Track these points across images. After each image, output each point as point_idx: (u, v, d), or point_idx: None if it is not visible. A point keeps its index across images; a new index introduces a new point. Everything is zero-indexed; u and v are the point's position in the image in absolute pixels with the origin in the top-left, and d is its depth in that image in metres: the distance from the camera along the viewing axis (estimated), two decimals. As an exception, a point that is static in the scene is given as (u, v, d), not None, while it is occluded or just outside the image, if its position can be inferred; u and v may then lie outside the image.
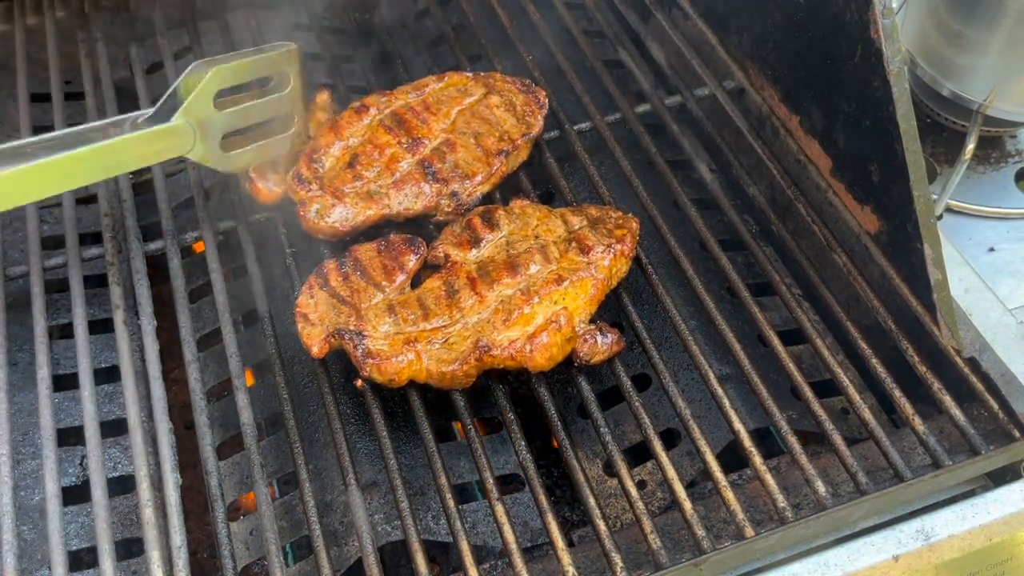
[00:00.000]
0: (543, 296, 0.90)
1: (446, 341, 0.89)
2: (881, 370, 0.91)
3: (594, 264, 0.93)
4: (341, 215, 1.00)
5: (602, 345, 0.90)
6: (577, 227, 0.98)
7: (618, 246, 0.95)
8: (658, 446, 0.86)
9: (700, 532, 0.80)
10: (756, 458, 0.84)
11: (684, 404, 0.88)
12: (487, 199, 1.05)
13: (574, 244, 0.95)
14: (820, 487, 0.82)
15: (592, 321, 0.92)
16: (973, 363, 0.90)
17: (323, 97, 1.10)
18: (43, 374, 0.95)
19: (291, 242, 1.04)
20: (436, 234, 1.01)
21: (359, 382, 0.91)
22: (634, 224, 0.98)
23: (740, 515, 0.80)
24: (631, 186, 1.07)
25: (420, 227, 1.04)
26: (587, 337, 0.90)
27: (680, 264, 1.00)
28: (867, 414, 0.87)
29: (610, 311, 0.99)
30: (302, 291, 0.95)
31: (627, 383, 0.90)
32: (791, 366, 0.91)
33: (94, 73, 1.24)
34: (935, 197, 1.18)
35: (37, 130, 1.24)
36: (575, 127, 1.14)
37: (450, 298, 0.92)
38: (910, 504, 0.86)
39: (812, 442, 0.96)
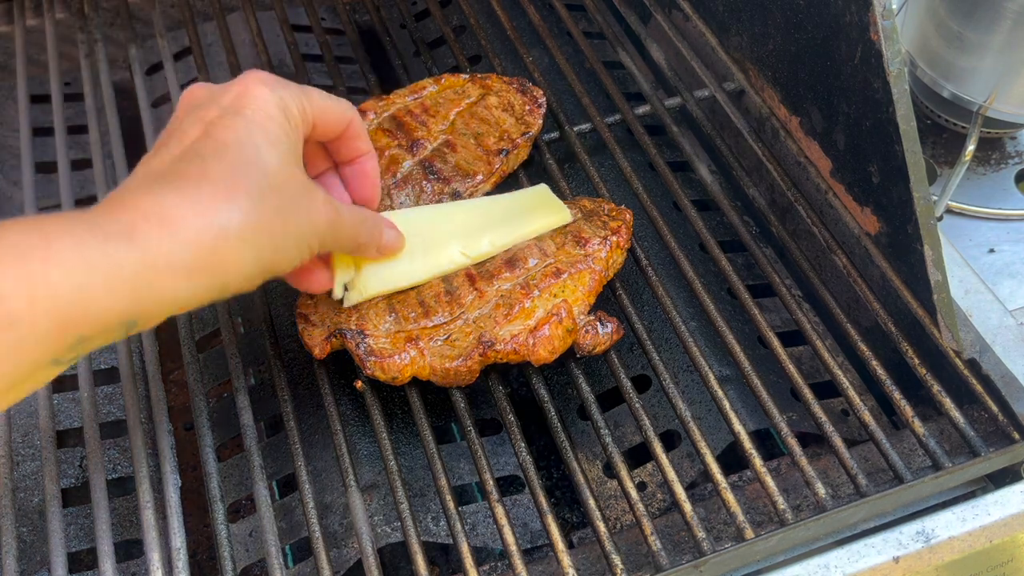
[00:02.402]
0: (543, 290, 0.91)
1: (448, 338, 0.89)
2: (881, 372, 0.91)
3: (591, 256, 0.93)
4: (341, 216, 1.00)
5: (603, 335, 0.90)
6: (571, 220, 0.98)
7: (614, 238, 0.95)
8: (658, 448, 0.86)
9: (700, 534, 0.80)
10: (756, 460, 0.84)
11: (684, 406, 0.88)
12: (487, 200, 1.05)
13: (570, 237, 0.96)
14: (820, 489, 0.82)
15: (590, 311, 0.92)
16: (973, 365, 0.90)
17: None
18: (43, 375, 0.95)
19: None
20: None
21: (359, 383, 0.91)
22: (628, 215, 0.98)
23: (740, 517, 0.80)
24: (631, 187, 1.07)
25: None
26: (588, 328, 0.90)
27: (680, 265, 1.00)
28: (867, 416, 0.87)
29: (610, 312, 0.99)
30: (302, 292, 0.95)
31: (627, 384, 0.90)
32: (791, 368, 0.91)
33: (94, 74, 1.24)
34: (935, 198, 1.18)
35: (37, 131, 1.24)
36: (575, 128, 1.14)
37: (449, 295, 0.92)
38: (910, 506, 0.86)
39: (812, 444, 0.96)
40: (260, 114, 0.69)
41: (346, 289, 0.91)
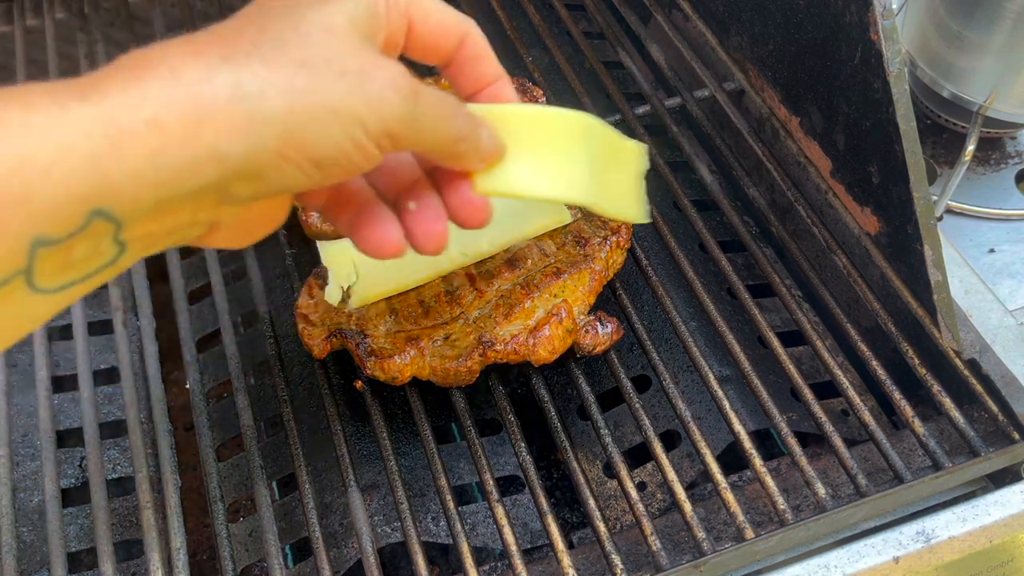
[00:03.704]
0: (543, 290, 0.91)
1: (448, 338, 0.89)
2: (881, 372, 0.91)
3: (591, 256, 0.93)
4: (342, 217, 1.00)
5: (603, 335, 0.90)
6: (571, 220, 0.98)
7: (614, 238, 0.95)
8: (658, 448, 0.86)
9: (700, 534, 0.80)
10: (756, 460, 0.84)
11: (684, 406, 0.88)
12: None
13: (570, 237, 0.95)
14: (820, 489, 0.82)
15: (590, 311, 0.92)
16: (973, 365, 0.90)
17: None
18: (42, 375, 0.95)
19: (291, 243, 1.04)
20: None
21: (359, 383, 0.91)
22: None
23: (740, 517, 0.80)
24: (631, 187, 1.07)
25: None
26: (588, 328, 0.90)
27: (680, 265, 1.00)
28: (867, 416, 0.87)
29: (610, 312, 0.99)
30: (302, 292, 0.95)
31: (627, 384, 0.90)
32: (791, 368, 0.91)
33: (94, 74, 1.23)
34: (935, 198, 1.18)
35: (37, 131, 1.24)
36: (575, 128, 1.14)
37: (449, 295, 0.92)
38: (910, 506, 0.86)
39: (812, 443, 0.96)
40: None
41: (347, 293, 0.91)
